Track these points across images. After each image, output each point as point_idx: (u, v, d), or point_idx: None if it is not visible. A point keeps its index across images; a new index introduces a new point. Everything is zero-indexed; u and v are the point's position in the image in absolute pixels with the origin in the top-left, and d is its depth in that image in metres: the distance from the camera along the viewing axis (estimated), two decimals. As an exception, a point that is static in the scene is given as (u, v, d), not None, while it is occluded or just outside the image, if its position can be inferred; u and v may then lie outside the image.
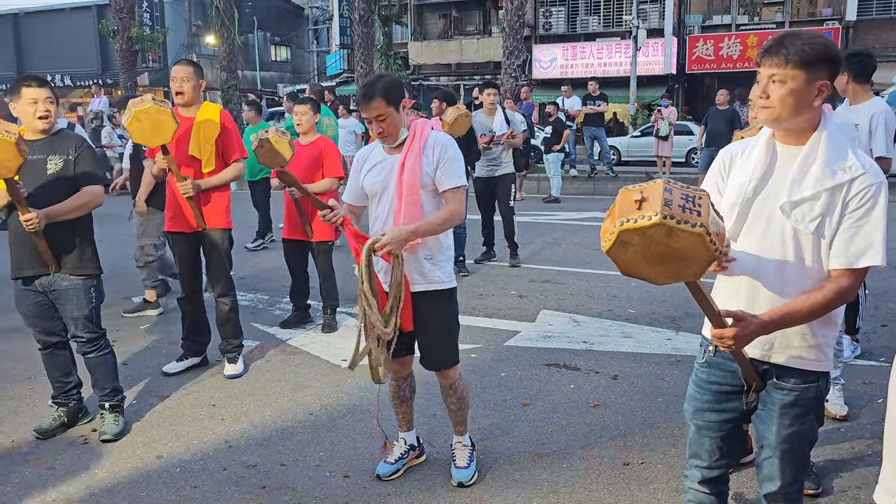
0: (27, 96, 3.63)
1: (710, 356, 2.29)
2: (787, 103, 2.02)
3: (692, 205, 1.73)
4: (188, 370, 4.86)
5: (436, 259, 3.20)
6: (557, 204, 12.76)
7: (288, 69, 41.96)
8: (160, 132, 4.15)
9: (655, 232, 1.71)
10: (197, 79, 4.59)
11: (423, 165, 3.12)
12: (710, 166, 2.33)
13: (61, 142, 3.75)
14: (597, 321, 5.83)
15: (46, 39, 34.60)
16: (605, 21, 26.87)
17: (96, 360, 3.94)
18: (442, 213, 3.12)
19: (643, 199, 1.73)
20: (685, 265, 1.80)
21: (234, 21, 19.64)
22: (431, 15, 30.87)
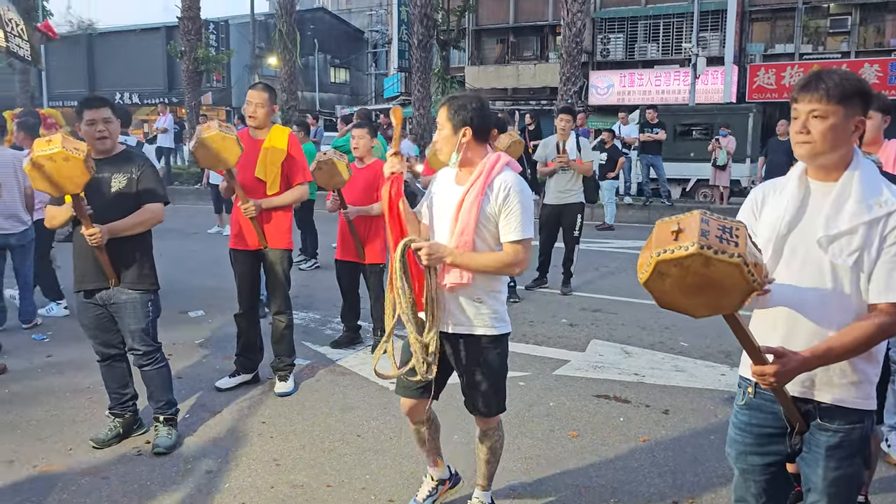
0: (86, 117, 3.78)
1: (751, 398, 2.24)
2: (828, 138, 2.03)
3: (729, 235, 1.73)
4: (240, 386, 4.94)
5: (484, 305, 2.94)
6: (611, 231, 12.64)
7: (346, 91, 42.71)
8: (225, 157, 4.35)
9: (693, 262, 1.71)
10: (270, 104, 4.76)
11: (482, 207, 2.85)
12: (743, 205, 2.32)
13: (125, 161, 3.89)
14: (648, 353, 5.73)
15: (117, 58, 35.97)
16: (664, 48, 26.67)
17: (151, 373, 4.03)
18: (498, 257, 2.88)
19: (680, 230, 1.74)
20: (723, 296, 1.79)
21: (297, 44, 20.13)
22: (489, 40, 31.10)
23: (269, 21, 32.16)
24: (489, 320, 2.95)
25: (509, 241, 2.85)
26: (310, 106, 35.78)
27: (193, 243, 10.79)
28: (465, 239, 2.86)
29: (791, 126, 2.11)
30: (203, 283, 8.05)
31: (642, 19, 26.87)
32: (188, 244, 10.61)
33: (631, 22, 27.04)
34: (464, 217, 2.86)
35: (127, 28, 37.53)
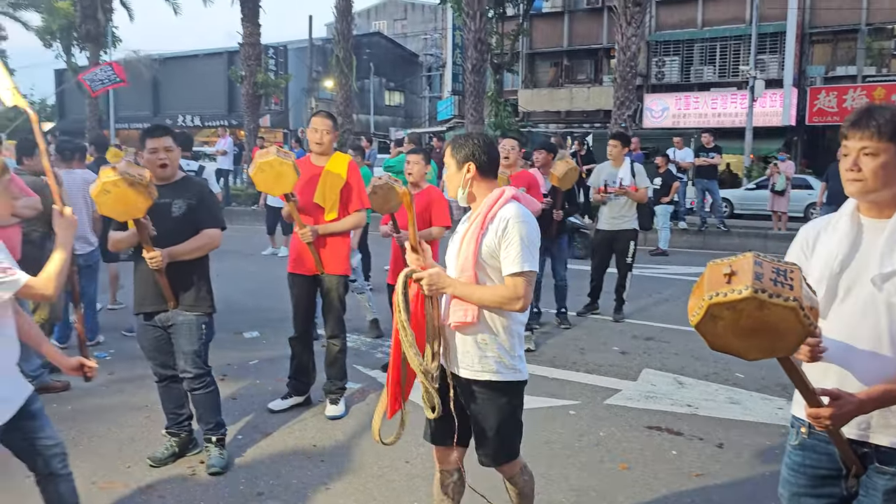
0: (149, 146, 3.94)
1: (804, 438, 2.18)
2: (879, 176, 2.01)
3: (784, 278, 1.71)
4: (292, 408, 5.01)
5: (490, 348, 2.76)
6: (665, 257, 12.45)
7: (401, 114, 43.28)
8: (282, 182, 4.48)
9: (747, 305, 1.69)
10: (334, 130, 4.90)
11: (481, 241, 2.75)
12: (792, 243, 2.27)
13: (185, 187, 4.03)
14: (702, 384, 5.62)
15: (181, 82, 37.20)
16: (720, 71, 26.32)
17: (201, 396, 4.12)
18: (496, 290, 2.72)
19: (732, 272, 1.72)
20: (778, 340, 1.76)
21: (353, 69, 20.51)
22: (543, 63, 31.19)
23: (326, 46, 32.87)
24: (494, 365, 2.76)
25: (508, 274, 2.70)
26: (364, 128, 36.34)
27: (250, 264, 11.03)
28: (466, 275, 2.76)
29: (842, 163, 2.08)
30: (259, 304, 8.21)
31: (698, 42, 26.60)
32: (245, 265, 10.85)
33: (687, 44, 26.80)
34: (464, 252, 2.78)
35: (191, 53, 38.83)
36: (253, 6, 21.19)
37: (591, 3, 28.95)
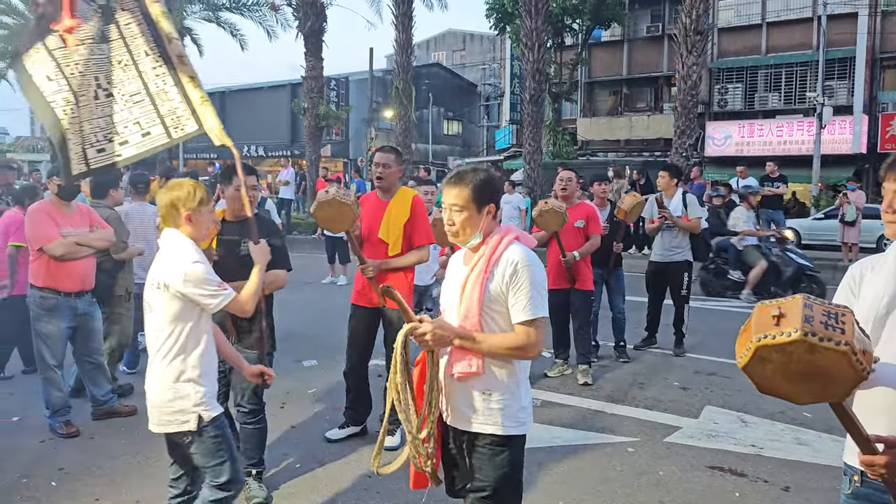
0: (235, 183, 3.96)
1: (857, 486, 2.09)
2: None
3: (835, 321, 1.66)
4: (348, 438, 5.05)
5: (494, 397, 2.60)
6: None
7: (459, 143, 43.63)
8: (341, 220, 4.59)
9: (796, 349, 1.65)
10: (397, 165, 4.94)
11: (486, 286, 2.57)
12: (840, 283, 2.21)
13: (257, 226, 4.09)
14: (767, 423, 5.44)
15: (246, 114, 38.32)
16: (786, 98, 25.76)
17: (253, 431, 4.14)
18: (508, 339, 2.56)
19: (781, 314, 1.68)
20: (829, 384, 1.71)
21: (412, 100, 20.84)
22: (602, 92, 31.08)
23: (386, 77, 33.51)
24: (499, 417, 2.58)
25: (520, 322, 2.54)
26: (423, 157, 36.76)
27: (310, 293, 11.21)
28: (470, 322, 2.56)
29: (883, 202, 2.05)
30: (318, 332, 8.33)
31: (762, 68, 26.13)
32: (305, 293, 11.03)
33: (750, 71, 26.36)
34: (467, 298, 2.59)
35: (256, 86, 40.06)
36: (316, 41, 21.79)
37: (650, 31, 28.80)
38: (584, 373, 6.45)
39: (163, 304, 3.00)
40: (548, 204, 6.25)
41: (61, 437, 5.08)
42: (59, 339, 5.26)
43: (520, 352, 2.56)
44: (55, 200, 5.32)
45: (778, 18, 25.84)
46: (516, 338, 2.55)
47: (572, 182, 6.68)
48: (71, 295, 5.27)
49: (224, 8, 26.12)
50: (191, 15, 26.48)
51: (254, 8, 24.97)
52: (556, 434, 5.17)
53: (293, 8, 22.01)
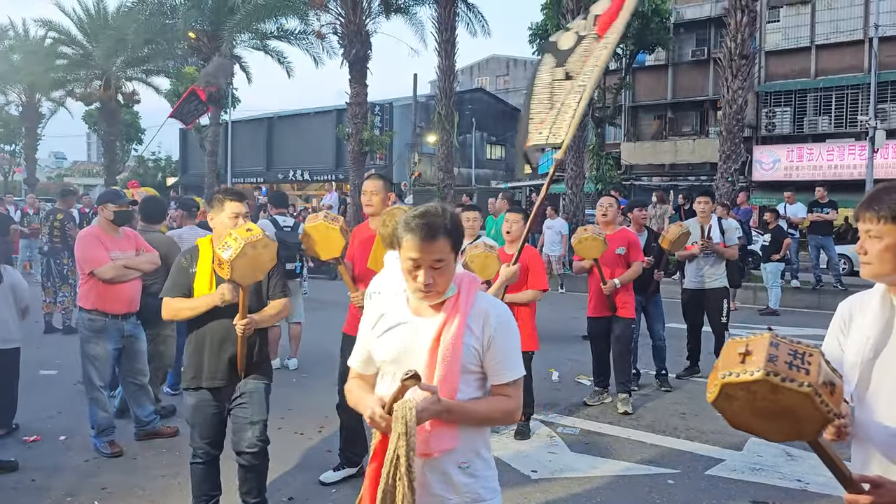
0: (230, 210, 3.84)
1: None
2: (885, 259, 1.97)
3: (801, 362, 1.66)
4: (346, 480, 4.76)
5: (473, 468, 2.23)
6: (775, 317, 11.87)
7: (502, 167, 43.68)
8: (329, 247, 4.50)
9: (759, 388, 1.66)
10: (385, 192, 4.75)
11: (466, 343, 2.17)
12: (832, 320, 2.17)
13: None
14: (814, 457, 5.21)
15: (292, 139, 39.10)
16: (836, 121, 25.23)
17: (261, 468, 3.93)
18: (500, 404, 2.23)
19: (748, 352, 1.69)
20: (798, 424, 1.71)
21: (454, 125, 20.99)
22: (646, 116, 30.89)
23: (429, 102, 33.83)
24: (481, 490, 2.24)
25: (506, 383, 2.23)
26: (466, 181, 36.90)
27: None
28: (449, 387, 2.15)
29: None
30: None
31: (812, 91, 25.67)
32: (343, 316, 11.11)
33: (799, 94, 25.92)
34: (445, 359, 2.15)
35: (302, 111, 40.86)
36: (361, 68, 22.15)
37: (695, 55, 28.59)
38: (623, 401, 6.36)
39: None
40: (587, 231, 6.20)
41: (105, 456, 5.19)
42: (107, 361, 5.39)
43: (509, 416, 2.28)
44: (105, 225, 5.49)
45: (827, 41, 25.40)
46: (507, 402, 2.23)
47: (612, 208, 6.63)
48: (118, 317, 5.41)
49: (272, 36, 26.80)
50: (240, 44, 27.22)
51: (300, 36, 25.55)
52: (594, 464, 5.10)
53: (338, 36, 22.43)
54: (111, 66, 28.63)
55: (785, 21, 26.41)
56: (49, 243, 10.36)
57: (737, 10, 15.66)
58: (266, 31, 26.30)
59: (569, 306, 11.55)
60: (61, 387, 7.03)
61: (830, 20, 25.38)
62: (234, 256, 3.36)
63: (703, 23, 28.25)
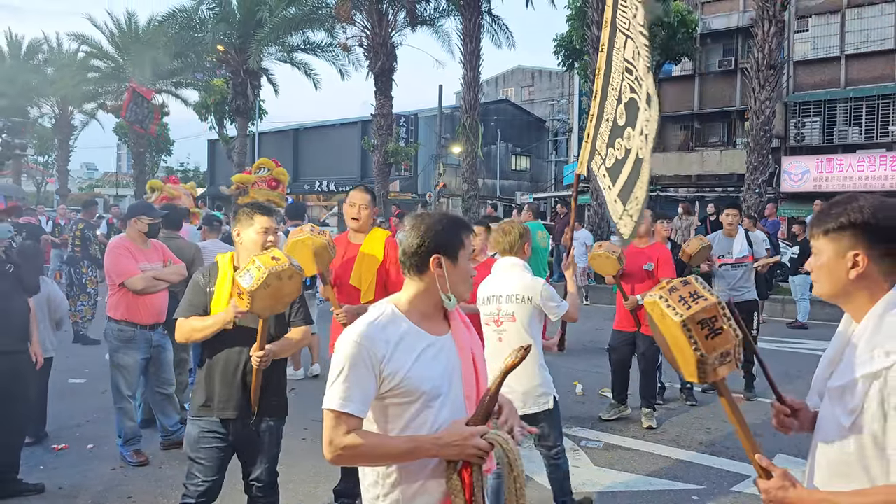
0: (260, 224, 3.44)
1: None
2: (821, 277, 1.88)
3: (692, 300, 1.79)
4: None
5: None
6: (804, 330, 11.70)
7: (526, 178, 43.68)
8: (315, 261, 4.21)
9: (653, 310, 1.85)
10: (372, 206, 4.58)
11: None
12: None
13: None
14: (844, 475, 5.17)
15: (318, 150, 39.50)
16: (867, 131, 24.86)
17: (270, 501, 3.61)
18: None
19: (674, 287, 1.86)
20: (680, 356, 1.83)
21: (479, 137, 21.04)
22: (672, 126, 30.68)
23: (454, 114, 33.95)
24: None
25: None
26: (491, 192, 36.92)
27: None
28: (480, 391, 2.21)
29: None
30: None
31: (841, 101, 25.33)
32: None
33: (829, 105, 25.58)
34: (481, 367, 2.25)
35: (328, 123, 41.23)
36: (386, 80, 22.32)
37: (722, 65, 28.37)
38: (648, 416, 6.30)
39: (524, 312, 4.01)
40: (601, 248, 6.13)
41: (131, 465, 5.26)
42: (135, 371, 5.47)
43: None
44: (135, 236, 5.58)
45: (857, 51, 25.08)
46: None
47: (646, 220, 6.53)
48: (146, 327, 5.50)
49: (299, 49, 27.09)
50: (267, 56, 27.55)
51: (327, 49, 25.82)
52: (618, 479, 5.05)
53: (364, 48, 22.63)
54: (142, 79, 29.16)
55: (814, 31, 26.12)
56: (71, 252, 10.51)
57: (764, 20, 15.54)
58: (293, 43, 26.62)
59: (593, 318, 11.49)
60: (90, 396, 7.14)
61: (860, 29, 25.07)
62: (255, 287, 2.99)
63: (731, 33, 28.04)
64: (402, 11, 22.39)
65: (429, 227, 2.09)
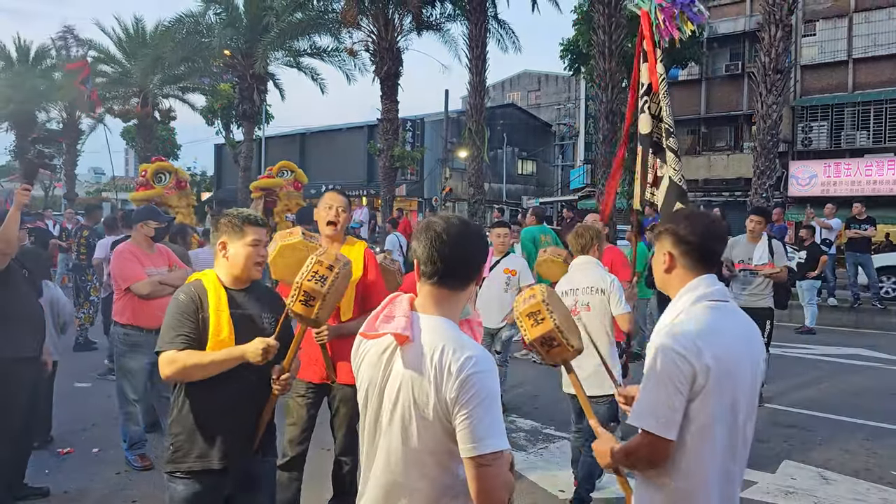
0: (253, 236, 2.95)
1: None
2: (654, 271, 2.43)
3: (530, 297, 2.43)
4: None
5: None
6: (812, 336, 11.63)
7: (533, 182, 43.64)
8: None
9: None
10: (349, 211, 4.18)
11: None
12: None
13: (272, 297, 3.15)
14: (851, 481, 5.14)
15: (325, 154, 39.52)
16: (875, 136, 24.77)
17: None
18: None
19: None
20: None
21: (485, 141, 21.02)
22: (679, 130, 30.46)
23: (461, 118, 34.00)
24: None
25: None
26: (496, 196, 36.91)
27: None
28: None
29: None
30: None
31: (849, 106, 25.25)
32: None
33: (836, 109, 25.51)
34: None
35: (334, 127, 41.29)
36: (392, 84, 22.34)
37: (729, 69, 28.31)
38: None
39: (598, 302, 4.55)
40: (546, 253, 6.23)
41: (136, 469, 5.26)
42: (141, 375, 5.48)
43: None
44: (140, 241, 5.59)
45: (865, 55, 25.00)
46: None
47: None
48: (152, 331, 5.49)
49: (305, 53, 27.14)
50: (274, 61, 27.63)
51: (333, 53, 25.84)
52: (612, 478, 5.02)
53: (370, 53, 22.65)
54: (148, 84, 29.26)
55: (821, 35, 26.06)
56: (76, 259, 10.46)
57: (771, 24, 15.48)
58: (299, 48, 26.64)
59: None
60: (96, 399, 7.15)
61: (868, 34, 25.00)
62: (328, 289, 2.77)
63: (737, 37, 27.97)
64: (408, 16, 22.40)
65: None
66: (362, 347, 2.06)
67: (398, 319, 1.92)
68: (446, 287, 1.96)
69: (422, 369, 1.85)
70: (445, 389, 1.82)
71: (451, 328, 1.93)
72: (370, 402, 1.99)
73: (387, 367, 1.95)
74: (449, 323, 1.94)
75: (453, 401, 1.81)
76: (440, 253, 1.92)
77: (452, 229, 1.95)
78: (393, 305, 1.98)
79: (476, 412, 1.80)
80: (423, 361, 1.86)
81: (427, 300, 1.97)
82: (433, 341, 1.87)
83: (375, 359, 1.98)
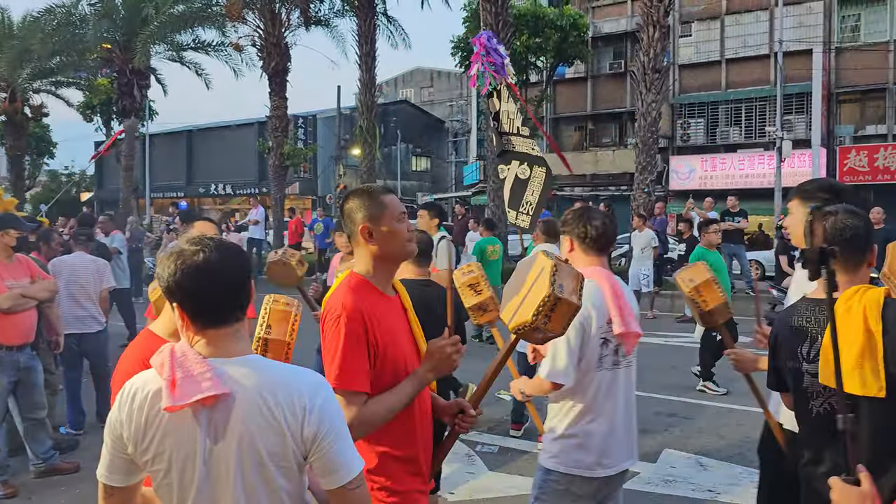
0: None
1: None
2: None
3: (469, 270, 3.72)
4: None
5: None
6: (692, 324, 12.18)
7: (427, 179, 43.82)
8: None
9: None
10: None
11: None
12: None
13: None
14: (725, 466, 5.40)
15: (214, 152, 38.23)
16: (746, 132, 26.30)
17: None
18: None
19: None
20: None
21: (377, 138, 20.88)
22: (567, 127, 31.48)
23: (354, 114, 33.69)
24: None
25: None
26: (392, 194, 36.78)
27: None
28: None
29: None
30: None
31: (723, 104, 26.70)
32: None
33: (711, 106, 26.91)
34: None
35: (223, 124, 40.01)
36: (280, 81, 21.81)
37: (613, 68, 29.34)
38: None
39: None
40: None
41: (-2, 498, 4.88)
42: (2, 395, 5.07)
43: None
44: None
45: (736, 55, 26.48)
46: None
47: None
48: (14, 348, 5.11)
49: (188, 48, 26.10)
50: (155, 55, 26.40)
51: (218, 48, 24.94)
52: (511, 482, 5.08)
53: (257, 48, 22.04)
54: (17, 78, 27.31)
55: (697, 35, 27.41)
56: None
57: (649, 25, 16.12)
58: (182, 42, 25.61)
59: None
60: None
61: (738, 35, 26.48)
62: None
63: (620, 36, 29.02)
64: (295, 11, 21.93)
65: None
66: (154, 418, 1.65)
67: (203, 380, 1.60)
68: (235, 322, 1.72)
69: (262, 419, 1.62)
70: (303, 428, 1.64)
71: (265, 364, 1.73)
72: (184, 475, 1.65)
73: (207, 433, 1.63)
74: (257, 358, 1.73)
75: (313, 436, 1.65)
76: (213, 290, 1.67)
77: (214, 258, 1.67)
78: (178, 366, 1.63)
79: (335, 439, 1.70)
80: (261, 411, 1.62)
81: (218, 344, 1.69)
82: (258, 386, 1.64)
83: (183, 428, 1.63)
